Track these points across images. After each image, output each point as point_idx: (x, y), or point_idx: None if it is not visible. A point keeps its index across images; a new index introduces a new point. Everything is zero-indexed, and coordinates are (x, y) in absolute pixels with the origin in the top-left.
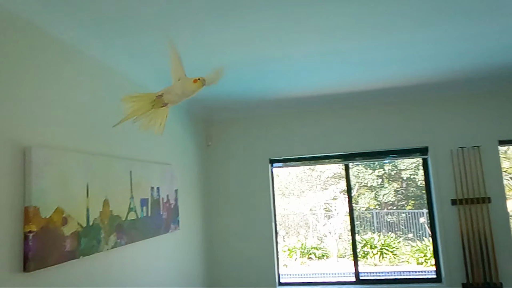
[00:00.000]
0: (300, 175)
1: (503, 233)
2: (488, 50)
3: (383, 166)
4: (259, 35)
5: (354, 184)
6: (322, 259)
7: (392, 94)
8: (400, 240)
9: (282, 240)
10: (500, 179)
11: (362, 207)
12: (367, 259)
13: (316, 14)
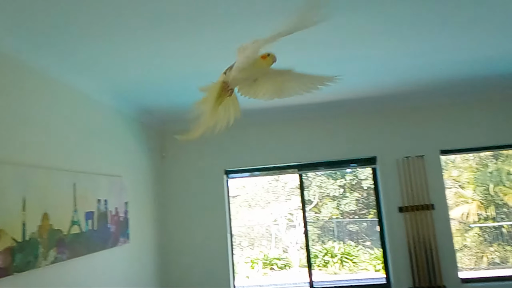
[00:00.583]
0: (266, 186)
1: (445, 238)
2: (428, 65)
3: (344, 176)
4: (209, 48)
5: (315, 194)
6: (284, 269)
7: (342, 106)
8: (359, 248)
9: (245, 252)
10: (442, 186)
11: (325, 217)
12: (328, 268)
13: (262, 29)
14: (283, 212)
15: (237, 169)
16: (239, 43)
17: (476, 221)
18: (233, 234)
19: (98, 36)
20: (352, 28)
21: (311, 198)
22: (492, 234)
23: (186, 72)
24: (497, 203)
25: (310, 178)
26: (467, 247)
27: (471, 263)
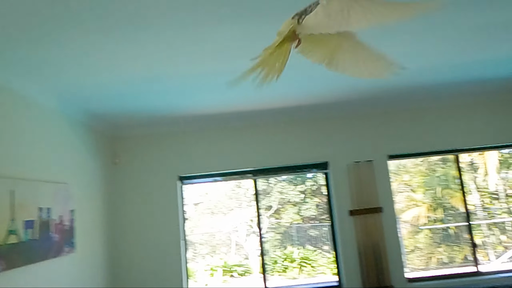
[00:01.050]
0: (229, 193)
1: (393, 240)
2: None
3: (305, 181)
4: (157, 52)
5: (277, 199)
6: (244, 276)
7: (295, 112)
8: (318, 252)
9: (206, 260)
10: (389, 190)
11: (286, 222)
12: (287, 273)
13: (212, 36)
14: (244, 218)
15: (192, 175)
16: (187, 47)
17: (425, 223)
18: (194, 242)
19: (43, 39)
20: None
21: (272, 204)
22: (440, 235)
23: (135, 76)
24: (445, 205)
25: (272, 184)
26: (418, 248)
27: (421, 263)
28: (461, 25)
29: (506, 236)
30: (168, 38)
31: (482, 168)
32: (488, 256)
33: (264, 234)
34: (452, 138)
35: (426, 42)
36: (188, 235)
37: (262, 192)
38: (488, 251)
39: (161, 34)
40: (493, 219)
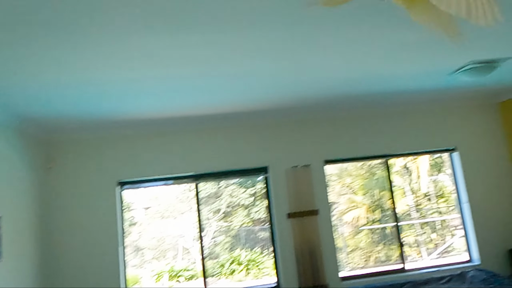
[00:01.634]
0: (181, 196)
1: (328, 241)
2: (312, 82)
3: (255, 184)
4: (89, 57)
5: (227, 202)
6: (191, 280)
7: (236, 118)
8: (265, 254)
9: (152, 265)
10: (325, 193)
11: (236, 225)
12: (233, 275)
13: (145, 44)
14: (191, 222)
15: (133, 180)
16: (122, 53)
17: (365, 224)
18: (143, 247)
19: None
20: (246, 46)
21: (222, 207)
22: (378, 235)
23: (70, 80)
24: (382, 207)
25: (222, 187)
26: (359, 247)
27: (361, 262)
28: (385, 41)
29: (436, 234)
30: (104, 44)
31: (415, 172)
32: (421, 253)
33: (213, 238)
34: (383, 144)
35: (356, 55)
36: (136, 240)
37: (213, 195)
38: (421, 249)
39: (96, 40)
40: (425, 219)
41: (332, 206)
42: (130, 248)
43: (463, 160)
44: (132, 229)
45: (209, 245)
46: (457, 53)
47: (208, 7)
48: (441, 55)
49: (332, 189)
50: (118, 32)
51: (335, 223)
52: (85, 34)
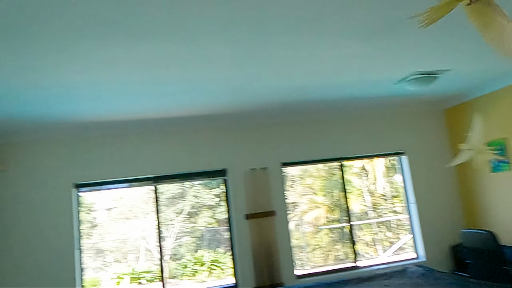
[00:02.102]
0: (145, 196)
1: (284, 241)
2: (268, 89)
3: (219, 185)
4: (40, 60)
5: (191, 203)
6: (153, 281)
7: (196, 121)
8: (228, 255)
9: (114, 267)
10: (282, 194)
11: (201, 226)
12: (196, 276)
13: (100, 49)
14: (155, 223)
15: (91, 182)
16: (72, 59)
17: (325, 223)
18: (104, 249)
19: None
20: (204, 55)
21: (186, 208)
22: (337, 234)
23: (18, 83)
24: (341, 207)
25: (187, 187)
26: (319, 246)
27: (321, 261)
28: (335, 53)
29: (391, 232)
30: (57, 50)
31: (372, 173)
32: (377, 251)
33: (177, 239)
34: (338, 147)
35: (309, 65)
36: (97, 243)
37: (177, 196)
38: (377, 247)
39: (49, 45)
40: (382, 218)
41: (292, 207)
42: (90, 250)
43: (411, 163)
44: (93, 231)
45: (172, 246)
46: (401, 65)
47: (163, 19)
48: (386, 66)
49: (294, 190)
50: (74, 38)
51: (297, 223)
52: (39, 40)
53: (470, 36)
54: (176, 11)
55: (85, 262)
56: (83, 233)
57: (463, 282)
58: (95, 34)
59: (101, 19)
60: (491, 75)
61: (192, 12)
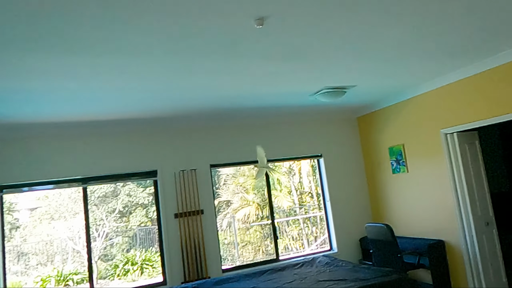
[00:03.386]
0: (74, 195)
1: (212, 238)
2: (197, 97)
3: (153, 184)
4: None
5: (125, 202)
6: (82, 283)
7: (127, 124)
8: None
9: (39, 270)
10: (210, 194)
11: (134, 225)
12: (127, 276)
13: (47, 59)
14: (83, 224)
15: (15, 183)
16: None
17: (255, 220)
18: (27, 252)
19: None
20: (141, 68)
21: (119, 207)
22: (267, 230)
23: None
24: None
25: (119, 186)
26: (250, 242)
27: (251, 255)
28: (257, 70)
29: (316, 227)
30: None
31: (297, 173)
32: (303, 245)
33: (108, 238)
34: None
35: (235, 78)
36: (19, 245)
37: (109, 195)
38: (303, 241)
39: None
40: (307, 215)
41: (225, 205)
42: (12, 253)
43: (327, 164)
44: (15, 233)
45: (103, 247)
46: (313, 81)
47: (99, 36)
48: (300, 81)
49: (227, 188)
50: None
51: (230, 220)
52: None
53: (370, 59)
54: (110, 29)
55: (6, 266)
56: (4, 236)
57: (356, 268)
58: (39, 48)
59: (42, 35)
60: (391, 90)
61: (130, 30)
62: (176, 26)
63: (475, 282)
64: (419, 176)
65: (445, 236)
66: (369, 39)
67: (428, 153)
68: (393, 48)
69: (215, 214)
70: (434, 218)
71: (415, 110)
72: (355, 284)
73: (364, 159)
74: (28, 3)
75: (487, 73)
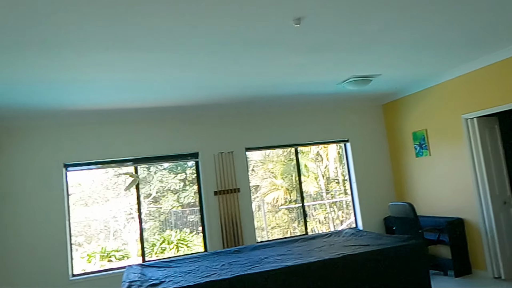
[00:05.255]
0: (105, 183)
1: (247, 214)
2: (235, 86)
3: (185, 170)
4: (52, 62)
5: (157, 187)
6: (123, 260)
7: (173, 111)
8: (194, 233)
9: (82, 248)
10: (246, 175)
11: (165, 209)
12: (164, 253)
13: (107, 57)
14: (122, 206)
15: (76, 162)
16: (67, 59)
17: (283, 204)
18: (73, 230)
19: None
20: (185, 61)
21: (152, 192)
22: (294, 213)
23: (19, 78)
24: (297, 189)
25: (152, 172)
26: (278, 225)
27: (279, 237)
28: (288, 62)
29: (342, 212)
30: (63, 56)
31: (325, 158)
32: (329, 228)
33: (144, 220)
34: (293, 135)
35: (268, 69)
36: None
37: (143, 180)
38: (329, 224)
39: (55, 50)
40: (333, 199)
41: (256, 188)
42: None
43: (353, 149)
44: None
45: (140, 227)
46: (341, 70)
47: (158, 34)
48: (328, 72)
49: (256, 174)
50: (75, 48)
51: (259, 204)
52: (50, 48)
53: (395, 51)
54: (168, 27)
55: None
56: (69, 207)
57: (378, 236)
58: (101, 46)
59: (107, 34)
60: (414, 78)
61: (183, 29)
62: (226, 28)
63: (492, 258)
64: (441, 159)
65: (464, 214)
66: (393, 33)
67: (450, 137)
68: (416, 40)
69: (249, 193)
70: (454, 198)
71: (438, 97)
72: (377, 247)
73: (389, 143)
74: (106, 11)
75: (507, 61)
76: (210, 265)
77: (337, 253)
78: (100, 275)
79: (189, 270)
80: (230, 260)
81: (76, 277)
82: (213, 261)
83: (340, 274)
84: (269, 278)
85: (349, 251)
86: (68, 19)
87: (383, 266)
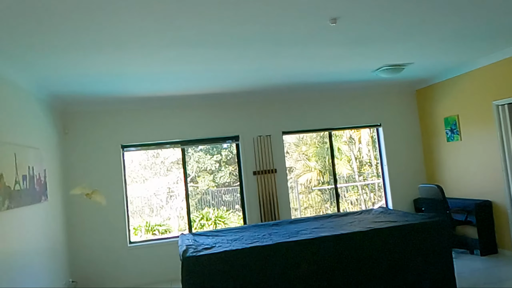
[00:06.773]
0: (144, 163)
1: (283, 193)
2: (267, 75)
3: (220, 151)
4: (115, 58)
5: (194, 168)
6: (165, 233)
7: (215, 97)
8: (230, 211)
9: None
10: (282, 157)
11: (202, 189)
12: (203, 229)
13: (160, 53)
14: (163, 185)
15: (132, 144)
16: (130, 55)
17: (316, 185)
18: None
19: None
20: (230, 55)
21: (189, 172)
22: (326, 195)
23: (86, 71)
24: (330, 171)
25: (190, 154)
26: (310, 205)
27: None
28: (325, 54)
29: (373, 194)
30: (125, 49)
31: (357, 142)
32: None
33: (184, 197)
34: (327, 120)
35: (307, 60)
36: None
37: (180, 161)
38: (361, 206)
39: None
40: (365, 182)
41: (290, 170)
42: None
43: (386, 133)
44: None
45: (180, 206)
46: (375, 60)
47: (207, 32)
48: (363, 61)
49: (291, 156)
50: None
51: (292, 185)
52: (120, 45)
53: (427, 41)
54: (221, 27)
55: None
56: (126, 183)
57: (406, 214)
58: (170, 44)
59: (175, 36)
60: (447, 66)
61: (234, 27)
62: (271, 28)
63: None
64: (471, 143)
65: (492, 197)
66: (426, 25)
67: (480, 123)
68: (448, 31)
69: (285, 173)
70: (482, 181)
71: (469, 83)
72: (404, 223)
73: (421, 128)
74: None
75: None
76: (252, 235)
77: (366, 227)
78: (151, 243)
79: (234, 238)
80: (270, 231)
81: (133, 244)
82: (254, 232)
83: (368, 244)
84: (306, 245)
85: (377, 226)
86: (141, 24)
87: (408, 240)
